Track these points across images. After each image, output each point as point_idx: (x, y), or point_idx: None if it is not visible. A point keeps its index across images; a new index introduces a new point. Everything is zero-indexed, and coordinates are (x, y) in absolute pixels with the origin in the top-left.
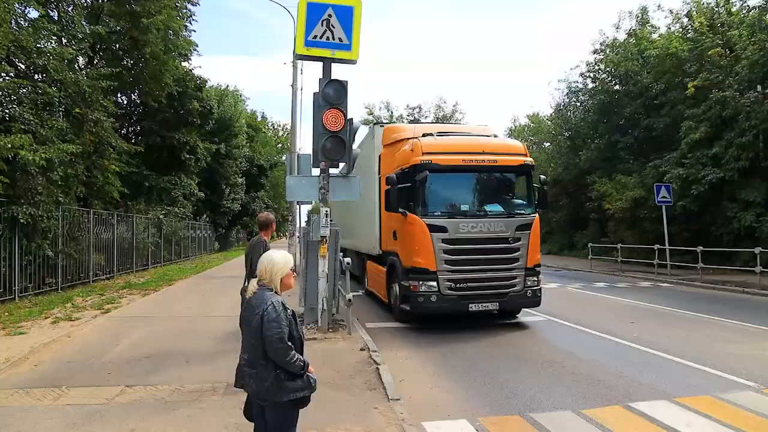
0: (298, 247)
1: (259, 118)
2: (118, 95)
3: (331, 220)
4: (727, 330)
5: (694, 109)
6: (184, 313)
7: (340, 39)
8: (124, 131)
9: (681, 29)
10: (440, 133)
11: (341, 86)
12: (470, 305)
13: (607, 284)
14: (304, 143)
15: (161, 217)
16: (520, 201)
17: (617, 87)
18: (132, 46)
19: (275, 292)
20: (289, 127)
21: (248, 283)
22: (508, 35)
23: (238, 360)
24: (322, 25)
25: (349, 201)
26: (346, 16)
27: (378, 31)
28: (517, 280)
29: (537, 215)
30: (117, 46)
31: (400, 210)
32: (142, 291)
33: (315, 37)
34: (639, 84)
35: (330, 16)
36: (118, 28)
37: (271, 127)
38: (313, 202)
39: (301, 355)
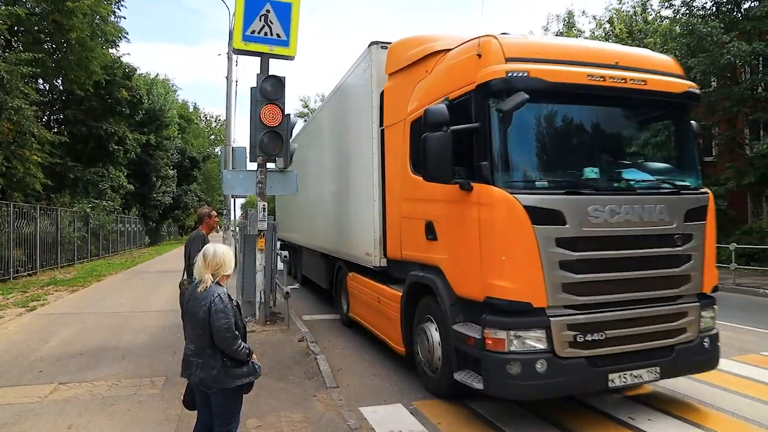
0: (232, 241)
1: (192, 109)
2: (40, 81)
3: (269, 214)
4: None
5: None
6: (117, 309)
7: (278, 35)
8: (46, 120)
9: (603, 34)
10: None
11: (279, 82)
12: (610, 376)
13: None
14: (239, 135)
15: (88, 210)
16: (677, 164)
17: None
18: (55, 31)
19: (219, 284)
20: (222, 118)
21: (186, 276)
22: (445, 28)
23: (175, 354)
24: (260, 21)
25: (306, 178)
26: (285, 12)
27: (314, 21)
28: (689, 318)
29: (710, 192)
30: (38, 29)
31: (458, 180)
32: (69, 287)
33: (253, 32)
34: None
35: (268, 11)
36: (39, 10)
37: (204, 119)
38: (248, 195)
39: (245, 342)
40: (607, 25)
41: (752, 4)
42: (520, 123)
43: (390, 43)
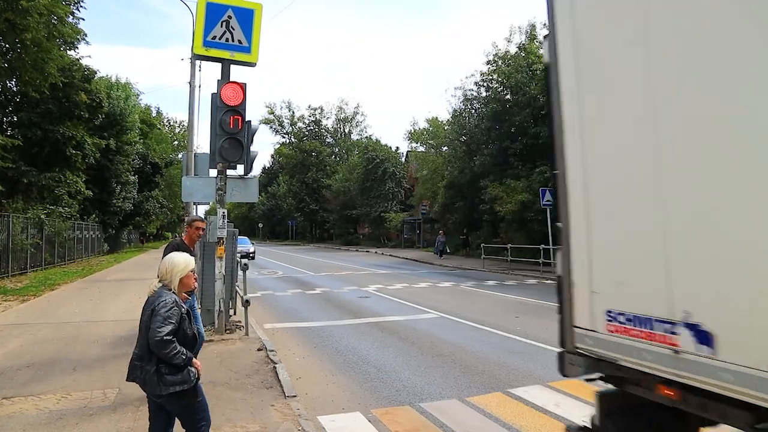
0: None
1: (154, 114)
2: None
3: (229, 222)
4: None
5: None
6: (70, 319)
7: (239, 41)
8: None
9: None
10: None
11: (239, 88)
12: None
13: (497, 282)
14: (203, 141)
15: (43, 216)
16: None
17: (508, 96)
18: (8, 30)
19: (172, 291)
20: (186, 123)
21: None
22: (410, 39)
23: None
24: (221, 26)
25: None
26: (246, 18)
27: (280, 26)
28: None
29: None
30: None
31: None
32: (20, 297)
33: (214, 37)
34: (527, 95)
35: (230, 17)
36: None
37: (167, 124)
38: (211, 202)
39: (193, 351)
40: None
41: None
42: None
43: None
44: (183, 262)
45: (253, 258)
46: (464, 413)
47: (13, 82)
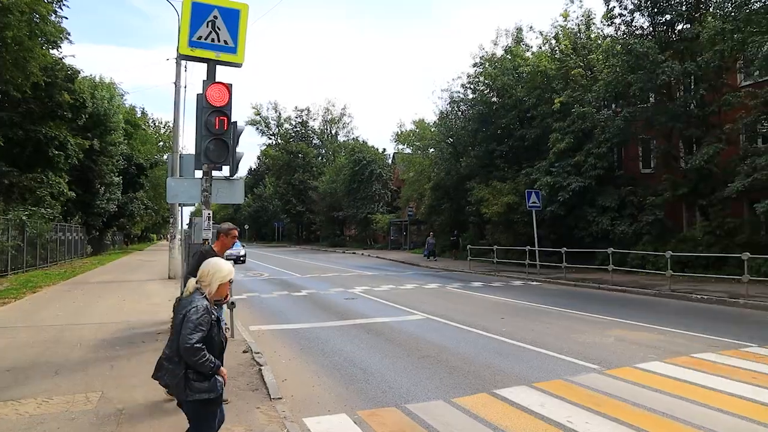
0: (178, 250)
1: (139, 114)
2: None
3: (215, 224)
4: (580, 321)
5: (560, 123)
6: (52, 322)
7: (225, 41)
8: None
9: (550, 50)
10: None
11: (225, 89)
12: None
13: (483, 284)
14: (188, 142)
15: (24, 218)
16: None
17: (495, 99)
18: None
19: (205, 297)
20: (171, 124)
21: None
22: (400, 40)
23: (113, 368)
24: (207, 26)
25: None
26: (233, 19)
27: (267, 27)
28: None
29: None
30: None
31: None
32: (0, 300)
33: (200, 37)
34: (513, 97)
35: (216, 17)
36: None
37: (152, 124)
38: (196, 204)
39: (219, 359)
40: (553, 41)
41: (684, 26)
42: None
43: None
44: (227, 269)
45: (243, 262)
46: (450, 414)
47: None
